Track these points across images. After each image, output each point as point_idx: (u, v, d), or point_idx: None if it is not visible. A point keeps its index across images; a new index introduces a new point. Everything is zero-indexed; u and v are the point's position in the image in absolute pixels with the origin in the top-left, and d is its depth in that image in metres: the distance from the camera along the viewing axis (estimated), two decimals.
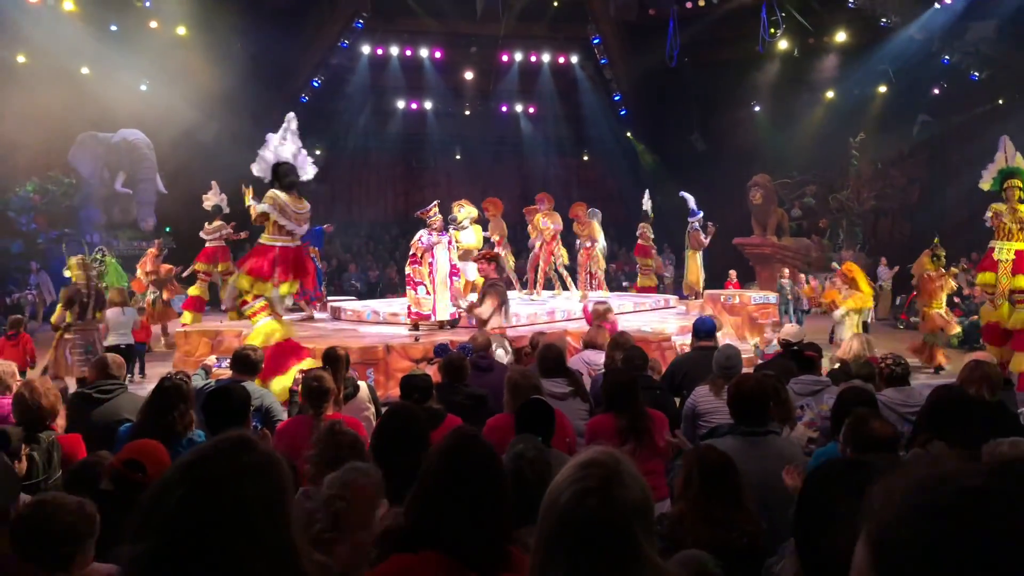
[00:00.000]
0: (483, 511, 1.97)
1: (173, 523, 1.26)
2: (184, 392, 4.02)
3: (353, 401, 5.26)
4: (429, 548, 1.93)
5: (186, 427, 3.95)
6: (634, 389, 4.42)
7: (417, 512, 2.00)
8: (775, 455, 3.53)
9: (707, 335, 6.33)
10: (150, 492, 1.32)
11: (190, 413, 4.02)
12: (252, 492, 1.30)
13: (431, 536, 1.94)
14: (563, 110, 24.80)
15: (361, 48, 22.41)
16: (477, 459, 2.05)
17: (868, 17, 18.89)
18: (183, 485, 1.28)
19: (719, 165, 22.28)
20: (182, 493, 1.27)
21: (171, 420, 3.89)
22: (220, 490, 1.29)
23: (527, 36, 22.66)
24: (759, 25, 18.81)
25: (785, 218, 22.21)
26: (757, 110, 22.77)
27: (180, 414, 3.93)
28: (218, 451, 1.36)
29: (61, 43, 16.46)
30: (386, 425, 3.42)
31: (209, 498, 1.27)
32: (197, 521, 1.25)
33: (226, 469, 1.31)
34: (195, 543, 1.25)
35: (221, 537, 1.25)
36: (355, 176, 25.79)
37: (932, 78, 19.64)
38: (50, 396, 4.15)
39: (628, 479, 1.46)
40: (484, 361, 6.11)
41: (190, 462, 1.34)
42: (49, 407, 4.13)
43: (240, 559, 1.25)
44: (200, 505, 1.27)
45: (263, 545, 1.28)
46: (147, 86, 18.44)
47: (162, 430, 3.78)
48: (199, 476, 1.30)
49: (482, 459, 2.06)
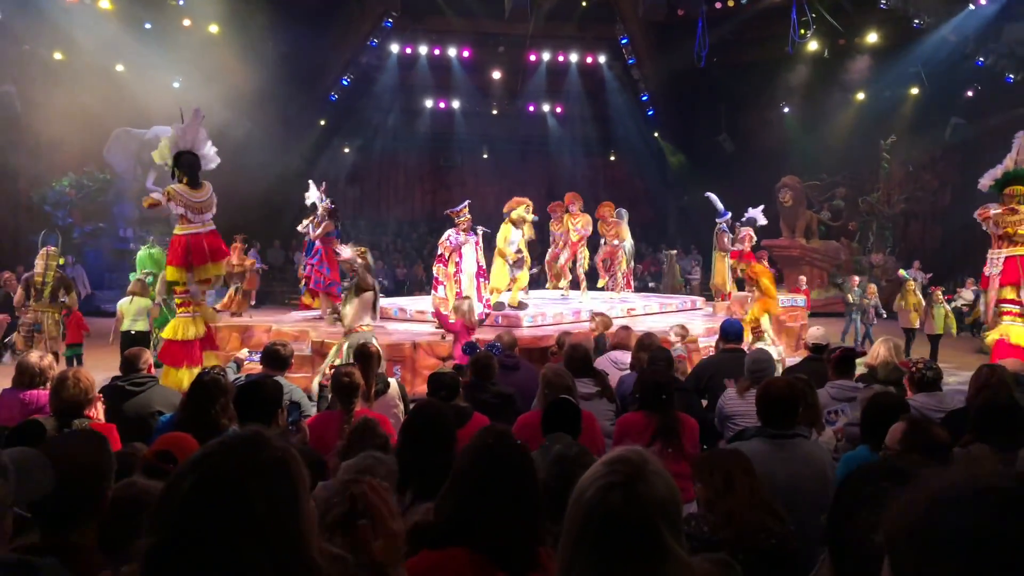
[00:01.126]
0: (515, 509, 1.98)
1: (178, 518, 1.28)
2: (223, 385, 4.10)
3: (383, 398, 5.31)
4: (459, 545, 1.95)
5: (229, 419, 4.03)
6: (669, 390, 4.43)
7: (450, 508, 2.02)
8: (802, 458, 3.52)
9: (734, 338, 6.32)
10: (163, 487, 1.35)
11: (231, 406, 4.08)
12: (257, 487, 1.31)
13: (462, 533, 1.96)
14: (590, 110, 24.76)
15: (390, 47, 22.54)
16: (511, 457, 2.06)
17: (900, 18, 18.66)
18: (189, 480, 1.30)
19: (747, 166, 22.14)
20: (187, 488, 1.29)
21: (214, 414, 3.98)
22: (225, 486, 1.30)
23: (555, 36, 22.65)
24: (789, 26, 18.65)
25: (814, 220, 22.02)
26: (786, 111, 22.60)
27: (221, 407, 4.02)
28: (227, 448, 1.37)
29: (97, 41, 16.76)
30: (413, 422, 3.45)
31: (213, 494, 1.29)
32: (200, 516, 1.27)
33: (233, 466, 1.33)
34: (198, 538, 1.26)
35: (224, 533, 1.27)
36: (383, 174, 25.97)
37: (965, 80, 19.37)
38: (82, 385, 4.18)
39: (653, 476, 1.47)
40: (511, 360, 6.14)
41: (199, 457, 1.36)
42: (82, 395, 4.18)
43: (244, 555, 1.27)
44: (204, 499, 1.28)
45: (270, 540, 1.29)
46: (180, 83, 18.68)
47: (204, 424, 3.86)
48: (205, 472, 1.32)
49: (516, 457, 2.07)
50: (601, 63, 23.77)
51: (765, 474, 3.17)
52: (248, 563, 1.27)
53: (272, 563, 1.29)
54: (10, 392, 5.02)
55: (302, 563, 1.34)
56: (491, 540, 1.94)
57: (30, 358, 5.09)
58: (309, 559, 1.35)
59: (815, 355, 6.15)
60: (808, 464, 3.49)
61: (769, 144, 22.72)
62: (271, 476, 1.34)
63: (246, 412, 3.81)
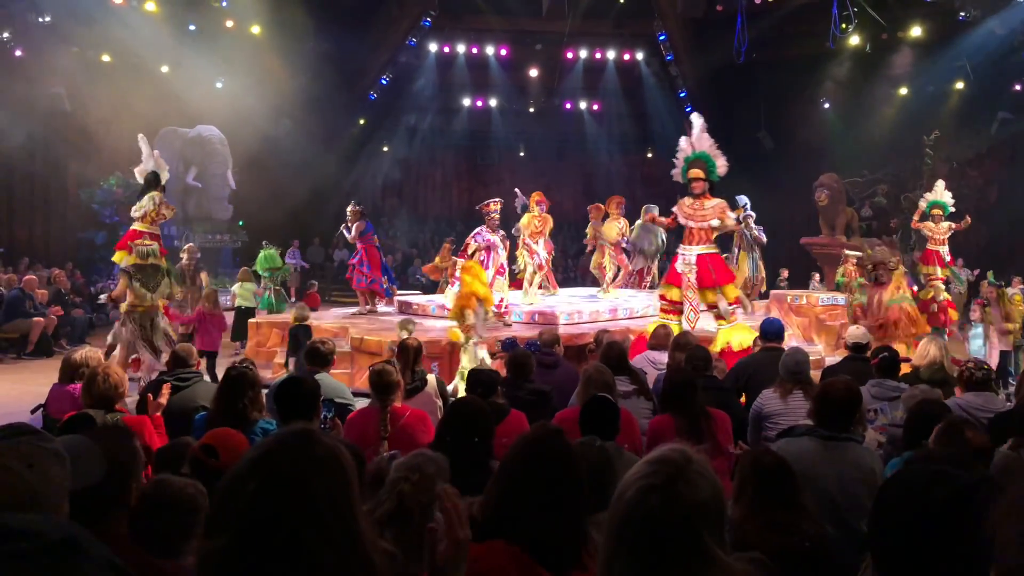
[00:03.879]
0: (560, 506, 1.98)
1: (245, 518, 1.29)
2: (251, 378, 4.19)
3: (421, 393, 5.36)
4: (501, 538, 1.94)
5: (259, 411, 4.14)
6: (691, 389, 4.41)
7: (495, 503, 2.02)
8: (851, 462, 3.47)
9: (774, 336, 6.27)
10: (221, 488, 1.36)
11: (260, 399, 4.19)
12: (318, 484, 1.33)
13: (505, 527, 1.96)
14: (627, 107, 24.62)
15: (428, 46, 22.67)
16: (559, 454, 2.06)
17: (945, 11, 18.27)
18: (253, 480, 1.32)
19: (787, 163, 21.85)
20: (253, 488, 1.30)
21: (243, 407, 4.06)
22: (289, 484, 1.32)
23: (592, 33, 22.56)
24: (830, 20, 18.36)
25: (855, 218, 21.63)
26: (827, 107, 22.25)
27: (250, 400, 4.10)
28: (284, 445, 1.38)
29: (143, 43, 17.10)
30: (451, 418, 3.50)
31: (279, 492, 1.30)
32: (268, 515, 1.29)
33: (293, 463, 1.34)
34: (267, 536, 1.28)
35: (292, 530, 1.28)
36: (421, 173, 26.15)
37: (1013, 74, 18.92)
38: (112, 380, 4.29)
39: (696, 477, 1.44)
40: (549, 358, 6.16)
41: (258, 457, 1.37)
42: (112, 390, 4.27)
43: (310, 550, 1.28)
44: (271, 499, 1.30)
45: (332, 536, 1.31)
46: (223, 84, 19.00)
47: (235, 417, 3.96)
48: (268, 471, 1.33)
49: (564, 455, 2.07)
50: (639, 60, 23.63)
51: (811, 475, 3.14)
52: (312, 558, 1.29)
53: (333, 557, 1.31)
54: (58, 387, 5.20)
55: (360, 556, 1.36)
56: (534, 535, 1.94)
57: (73, 354, 5.30)
58: (366, 553, 1.38)
59: (856, 355, 6.08)
60: (857, 468, 3.44)
61: (810, 141, 22.39)
62: (327, 471, 1.37)
63: (287, 409, 3.87)
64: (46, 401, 5.20)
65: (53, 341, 12.86)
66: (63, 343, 12.92)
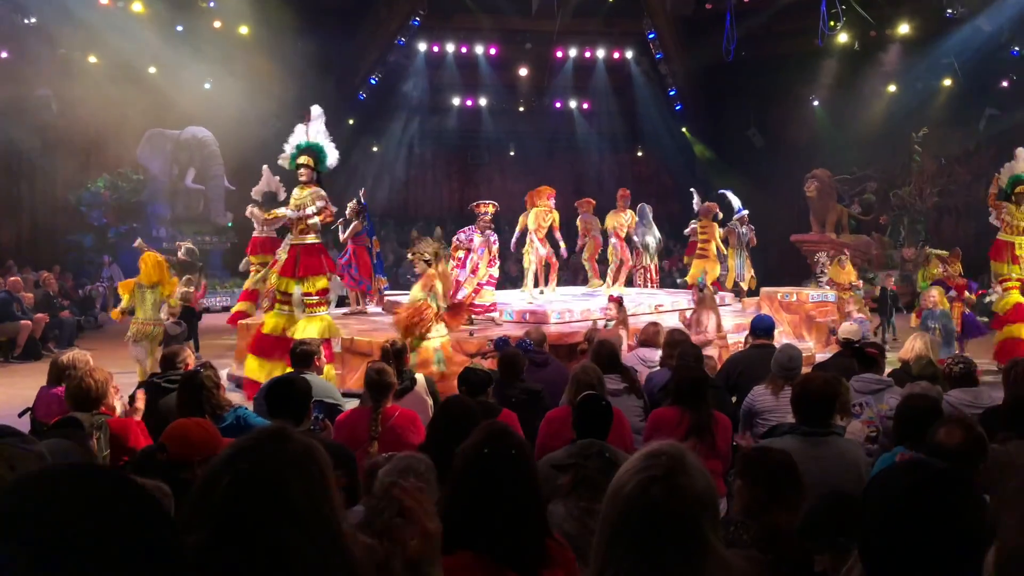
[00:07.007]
0: (516, 508, 1.93)
1: (221, 513, 1.32)
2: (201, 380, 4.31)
3: (411, 393, 5.34)
4: (464, 548, 1.90)
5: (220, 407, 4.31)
6: (704, 387, 4.43)
7: (450, 512, 1.95)
8: (835, 456, 3.48)
9: (764, 333, 6.28)
10: (197, 485, 1.40)
11: (216, 394, 4.33)
12: (293, 480, 1.36)
13: (465, 536, 1.90)
14: (617, 106, 24.63)
15: (418, 46, 22.62)
16: (506, 454, 1.99)
17: (933, 8, 18.35)
18: (226, 476, 1.35)
19: (777, 161, 21.92)
20: (226, 483, 1.34)
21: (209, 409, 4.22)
22: (261, 479, 1.35)
23: (582, 32, 22.56)
24: (818, 18, 18.39)
25: (845, 215, 21.76)
26: (816, 105, 22.32)
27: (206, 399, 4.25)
28: (257, 443, 1.43)
29: (130, 44, 17.02)
30: (440, 418, 3.48)
31: (251, 487, 1.34)
32: (242, 510, 1.32)
33: (266, 459, 1.38)
34: (244, 530, 1.31)
35: (268, 524, 1.31)
36: (411, 172, 26.09)
37: (1001, 70, 18.99)
38: (97, 380, 4.28)
39: (693, 470, 1.46)
40: (540, 357, 6.15)
41: (232, 454, 1.41)
42: (96, 391, 4.25)
43: (289, 545, 1.31)
44: (244, 495, 1.33)
45: (309, 530, 1.34)
46: (211, 84, 18.92)
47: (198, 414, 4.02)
48: (241, 467, 1.36)
49: (512, 454, 2.00)
50: (628, 58, 23.64)
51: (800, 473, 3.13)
52: (291, 548, 1.31)
53: (312, 547, 1.33)
54: (46, 390, 5.17)
55: (337, 546, 1.39)
56: (495, 541, 1.89)
57: (60, 357, 5.27)
58: (345, 546, 1.40)
59: (847, 350, 6.10)
60: (842, 463, 3.46)
61: (799, 138, 22.48)
62: (301, 464, 1.40)
63: (276, 409, 3.87)
64: (34, 404, 5.17)
65: (41, 344, 12.78)
66: (51, 346, 12.83)
